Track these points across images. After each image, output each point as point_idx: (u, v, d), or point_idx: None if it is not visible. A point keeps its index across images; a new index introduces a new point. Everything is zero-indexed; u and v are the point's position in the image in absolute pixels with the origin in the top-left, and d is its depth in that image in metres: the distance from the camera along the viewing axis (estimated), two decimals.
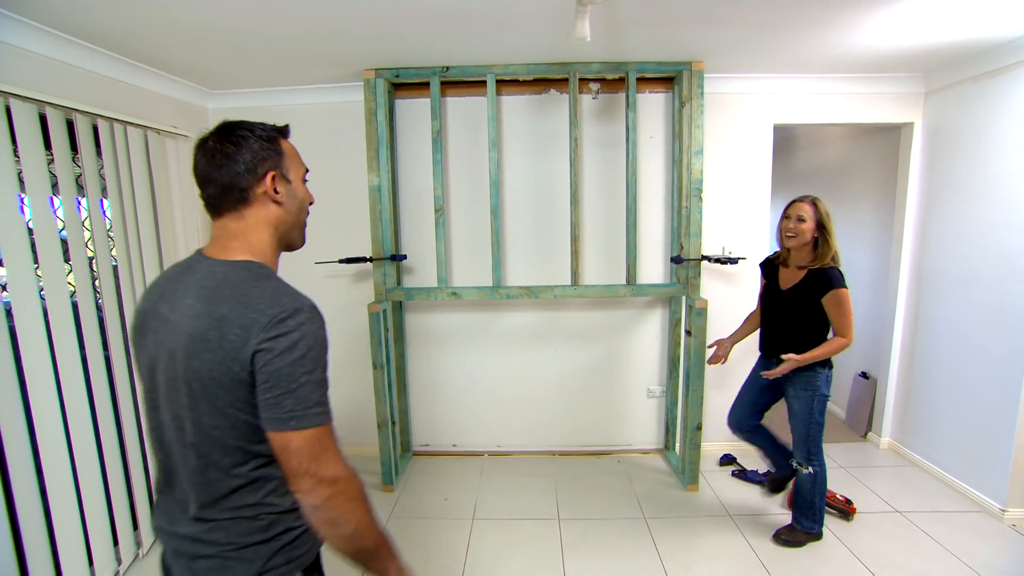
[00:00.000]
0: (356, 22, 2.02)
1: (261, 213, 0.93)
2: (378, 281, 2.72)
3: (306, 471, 0.83)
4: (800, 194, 2.20)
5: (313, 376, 0.84)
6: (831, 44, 2.33)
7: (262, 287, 0.86)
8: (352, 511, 0.87)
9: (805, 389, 2.20)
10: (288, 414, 0.82)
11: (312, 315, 0.86)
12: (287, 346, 0.81)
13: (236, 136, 0.91)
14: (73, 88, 2.08)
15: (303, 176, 1.03)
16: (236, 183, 0.90)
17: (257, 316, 0.82)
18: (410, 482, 2.90)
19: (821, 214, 2.08)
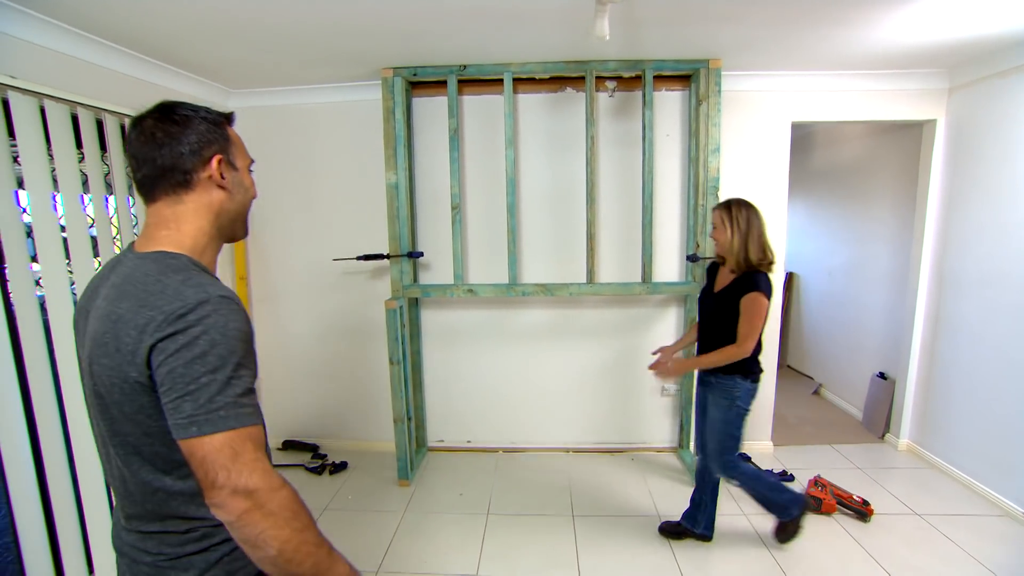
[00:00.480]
0: (376, 21, 2.04)
1: (203, 199, 0.86)
2: (395, 278, 2.76)
3: (215, 482, 0.71)
4: (824, 192, 2.18)
5: (218, 375, 0.73)
6: (851, 40, 2.30)
7: (165, 282, 0.77)
8: (274, 529, 0.73)
9: (723, 398, 2.10)
10: (188, 419, 0.72)
11: (220, 306, 0.76)
12: (184, 343, 0.72)
13: (180, 115, 0.83)
14: (103, 89, 2.14)
15: (249, 167, 0.95)
16: (179, 164, 0.83)
17: (154, 314, 0.74)
18: (425, 477, 2.94)
19: (734, 218, 2.00)
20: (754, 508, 2.55)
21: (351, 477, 2.96)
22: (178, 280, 0.77)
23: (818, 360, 4.32)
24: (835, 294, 4.06)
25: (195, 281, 0.78)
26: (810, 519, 2.44)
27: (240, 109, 3.02)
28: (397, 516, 2.55)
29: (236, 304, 0.79)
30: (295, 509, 0.75)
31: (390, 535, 2.40)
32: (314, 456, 3.18)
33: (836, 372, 4.04)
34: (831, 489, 2.52)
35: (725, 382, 2.09)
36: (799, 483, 2.76)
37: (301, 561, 0.75)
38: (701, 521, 2.28)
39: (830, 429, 3.52)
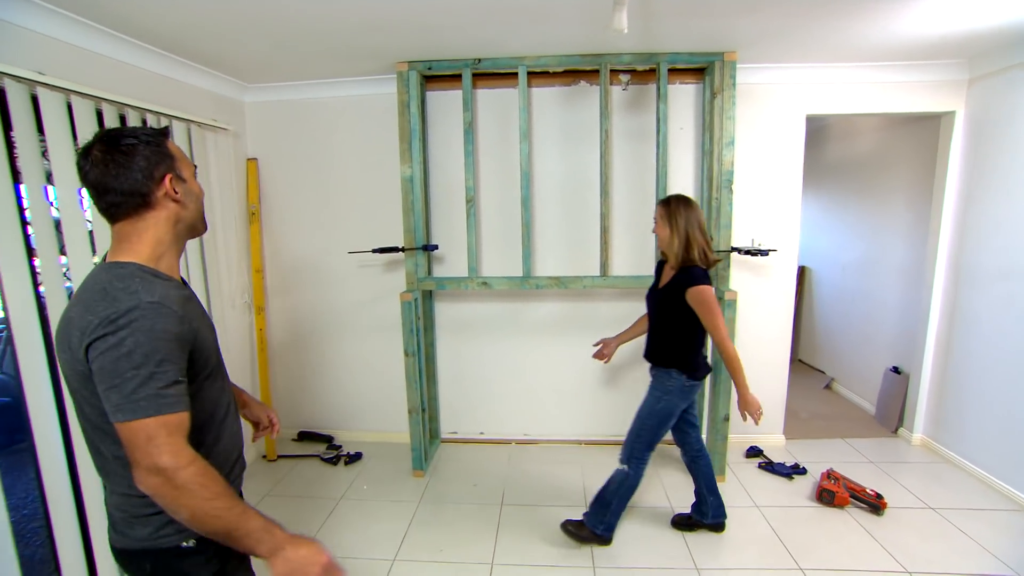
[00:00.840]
0: (392, 15, 2.06)
1: (162, 214, 0.98)
2: (410, 270, 2.78)
3: (135, 461, 0.86)
4: (839, 186, 2.18)
5: (141, 371, 0.85)
6: (868, 32, 2.28)
7: (108, 289, 0.89)
8: (184, 499, 0.86)
9: (656, 389, 2.14)
10: (115, 407, 0.85)
11: (147, 312, 0.87)
12: (114, 343, 0.85)
13: (125, 145, 0.93)
14: (124, 85, 2.18)
15: (194, 173, 1.06)
16: (137, 189, 0.93)
17: (92, 319, 0.86)
18: (439, 468, 2.97)
19: (672, 215, 2.03)
20: (767, 500, 2.57)
21: (366, 467, 3.00)
22: (119, 288, 0.89)
23: (830, 355, 4.30)
24: (848, 288, 4.04)
25: (132, 288, 0.89)
26: (822, 511, 2.46)
27: (256, 103, 3.06)
28: (412, 506, 2.59)
29: (167, 308, 0.90)
30: (202, 482, 0.88)
31: (406, 524, 2.44)
32: (329, 447, 3.22)
33: (849, 367, 4.03)
34: (844, 482, 2.53)
35: (661, 374, 2.14)
36: (811, 476, 2.76)
37: (211, 523, 0.89)
38: (707, 512, 2.30)
39: (842, 423, 3.51)
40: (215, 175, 2.74)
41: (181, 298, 0.96)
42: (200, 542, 0.99)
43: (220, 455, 1.07)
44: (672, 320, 2.07)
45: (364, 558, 2.20)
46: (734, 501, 2.57)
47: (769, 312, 3.05)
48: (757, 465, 2.90)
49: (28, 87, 1.70)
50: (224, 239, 2.83)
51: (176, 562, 1.00)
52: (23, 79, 1.66)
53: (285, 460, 3.11)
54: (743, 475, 2.81)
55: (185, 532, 0.98)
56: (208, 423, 1.04)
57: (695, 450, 2.31)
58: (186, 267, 2.43)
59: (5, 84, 1.62)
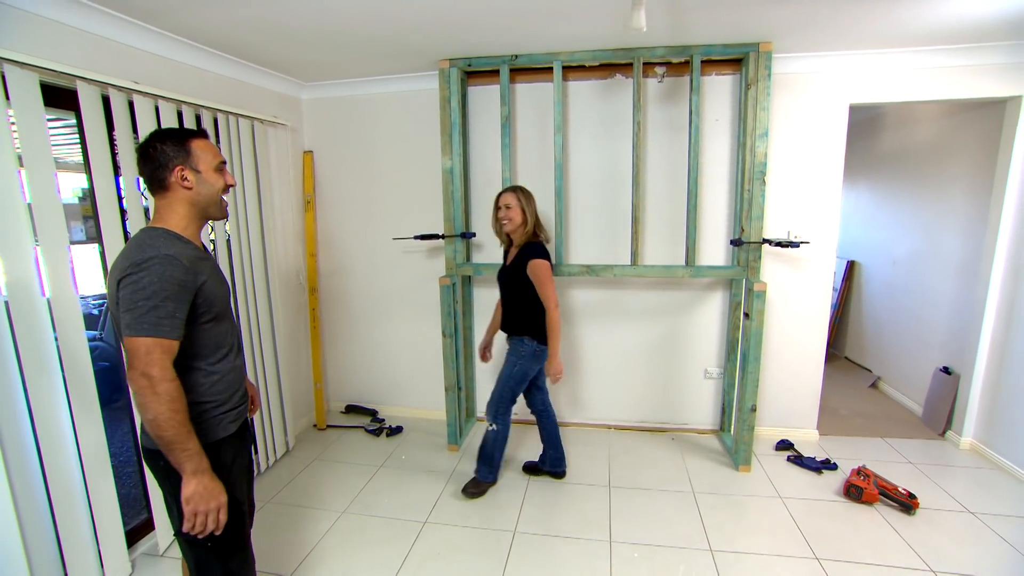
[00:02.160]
0: (435, 17, 2.20)
1: (177, 195, 1.28)
2: (449, 256, 2.96)
3: (131, 366, 1.14)
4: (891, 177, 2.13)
5: (150, 302, 1.13)
6: (920, 15, 2.18)
7: (139, 245, 1.20)
8: (154, 403, 1.13)
9: (511, 354, 2.48)
10: (126, 325, 1.14)
11: (162, 261, 1.16)
12: (134, 280, 1.14)
13: (151, 144, 1.26)
14: (201, 88, 2.46)
15: (215, 166, 1.33)
16: (155, 175, 1.27)
17: (125, 263, 1.17)
18: (473, 444, 3.16)
19: (522, 200, 2.40)
20: (792, 492, 2.58)
21: (405, 440, 3.24)
22: (147, 243, 1.20)
23: (878, 353, 4.14)
24: (899, 284, 3.87)
25: (156, 244, 1.20)
26: (848, 507, 2.45)
27: (312, 100, 3.31)
28: (445, 476, 2.79)
29: (177, 261, 1.19)
30: (173, 396, 1.15)
31: (439, 492, 2.64)
32: (373, 420, 3.49)
33: (896, 365, 3.87)
34: (875, 479, 2.49)
35: (515, 341, 2.48)
36: (842, 472, 2.74)
37: (166, 429, 1.15)
38: (547, 461, 2.72)
39: (885, 423, 3.41)
40: (275, 167, 3.01)
41: (193, 256, 1.25)
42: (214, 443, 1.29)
43: (224, 379, 1.35)
44: (520, 293, 2.42)
45: (399, 518, 2.42)
46: (758, 491, 2.60)
47: (804, 305, 3.01)
48: (786, 458, 2.89)
49: (126, 95, 1.98)
50: (283, 225, 3.11)
51: None
52: (123, 88, 1.94)
53: (333, 429, 3.40)
54: (770, 467, 2.82)
55: None
56: (213, 351, 1.33)
57: (539, 410, 2.68)
58: (248, 249, 2.70)
59: (110, 93, 1.90)
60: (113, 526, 1.95)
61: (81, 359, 1.83)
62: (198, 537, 1.24)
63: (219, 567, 1.34)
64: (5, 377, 1.60)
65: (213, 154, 1.33)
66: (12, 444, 1.62)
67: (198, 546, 1.31)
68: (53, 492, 1.74)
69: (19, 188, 1.63)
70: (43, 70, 1.69)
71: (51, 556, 1.75)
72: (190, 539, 1.28)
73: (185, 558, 1.39)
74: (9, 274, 1.61)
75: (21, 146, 1.64)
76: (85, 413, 1.84)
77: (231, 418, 1.36)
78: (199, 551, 1.32)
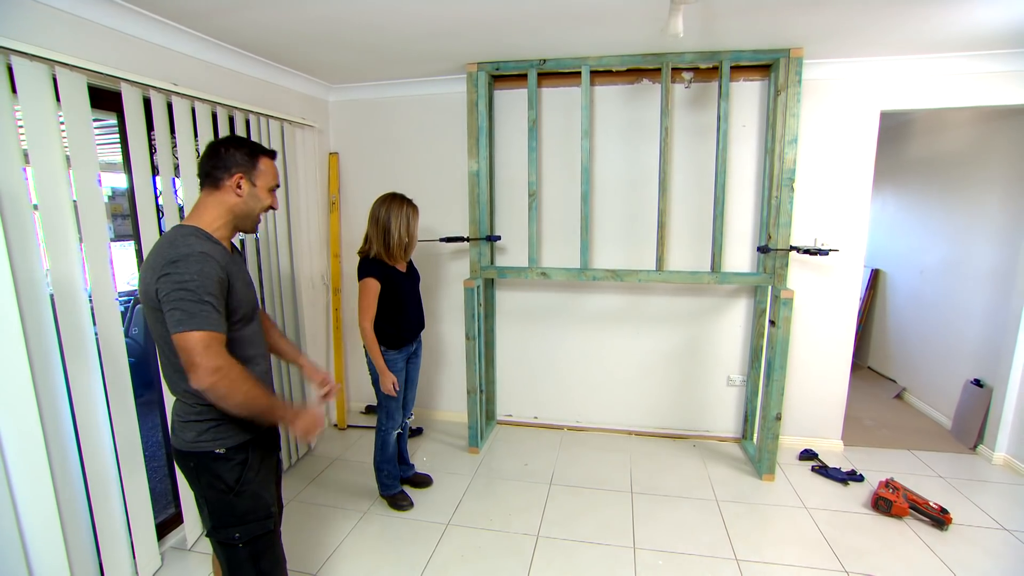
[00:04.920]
0: (464, 21, 2.21)
1: (223, 197, 1.33)
2: (474, 259, 2.97)
3: (192, 363, 1.15)
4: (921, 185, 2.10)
5: (193, 297, 1.16)
6: (954, 19, 2.14)
7: (173, 241, 1.23)
8: (237, 386, 1.18)
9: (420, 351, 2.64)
10: (176, 322, 1.15)
11: (198, 258, 1.19)
12: (175, 277, 1.16)
13: (226, 146, 1.33)
14: (233, 89, 2.51)
15: (270, 187, 1.40)
16: (213, 173, 1.32)
17: (160, 260, 1.19)
18: (493, 447, 3.16)
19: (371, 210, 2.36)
20: (818, 503, 2.54)
21: (426, 441, 3.25)
22: (180, 241, 1.22)
23: (903, 363, 4.07)
24: (927, 293, 3.80)
25: (189, 242, 1.22)
26: (877, 520, 2.41)
27: (338, 102, 3.35)
28: (466, 479, 2.79)
29: (211, 258, 1.22)
30: (246, 376, 1.21)
31: (460, 494, 2.64)
32: None
33: (923, 376, 3.80)
34: (904, 493, 2.45)
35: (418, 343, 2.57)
36: (869, 484, 2.69)
37: (256, 403, 1.22)
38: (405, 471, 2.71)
39: (911, 435, 3.34)
40: (302, 167, 3.05)
41: (224, 256, 1.28)
42: (229, 450, 1.32)
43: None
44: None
45: (422, 520, 2.42)
46: (783, 501, 2.56)
47: (830, 313, 2.97)
48: (810, 468, 2.85)
49: (165, 96, 2.03)
50: (307, 225, 3.14)
51: (211, 464, 1.31)
52: (162, 89, 1.99)
53: (354, 429, 3.43)
54: (794, 476, 2.78)
55: (218, 440, 1.31)
56: (242, 354, 1.34)
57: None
58: (276, 249, 2.74)
59: (151, 95, 1.95)
60: (145, 518, 1.99)
61: (118, 354, 1.87)
62: (228, 513, 1.33)
63: (250, 566, 1.36)
64: (49, 370, 1.64)
65: (273, 176, 1.40)
66: (55, 435, 1.66)
67: (230, 546, 1.34)
68: (91, 483, 1.78)
69: (67, 187, 1.67)
70: (90, 72, 1.74)
71: (87, 546, 1.78)
72: (221, 540, 1.34)
73: (217, 557, 1.41)
74: (56, 270, 1.65)
75: (69, 146, 1.69)
76: (120, 406, 1.88)
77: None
78: (231, 551, 1.35)
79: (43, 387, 1.62)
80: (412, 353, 2.51)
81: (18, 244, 1.54)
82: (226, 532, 1.33)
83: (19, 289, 1.54)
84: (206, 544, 2.24)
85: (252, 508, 1.35)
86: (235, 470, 1.32)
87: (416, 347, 2.54)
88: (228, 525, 1.33)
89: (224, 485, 1.31)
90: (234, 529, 1.33)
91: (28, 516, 1.59)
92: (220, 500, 1.32)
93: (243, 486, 1.33)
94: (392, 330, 2.36)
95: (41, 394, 1.61)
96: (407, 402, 2.57)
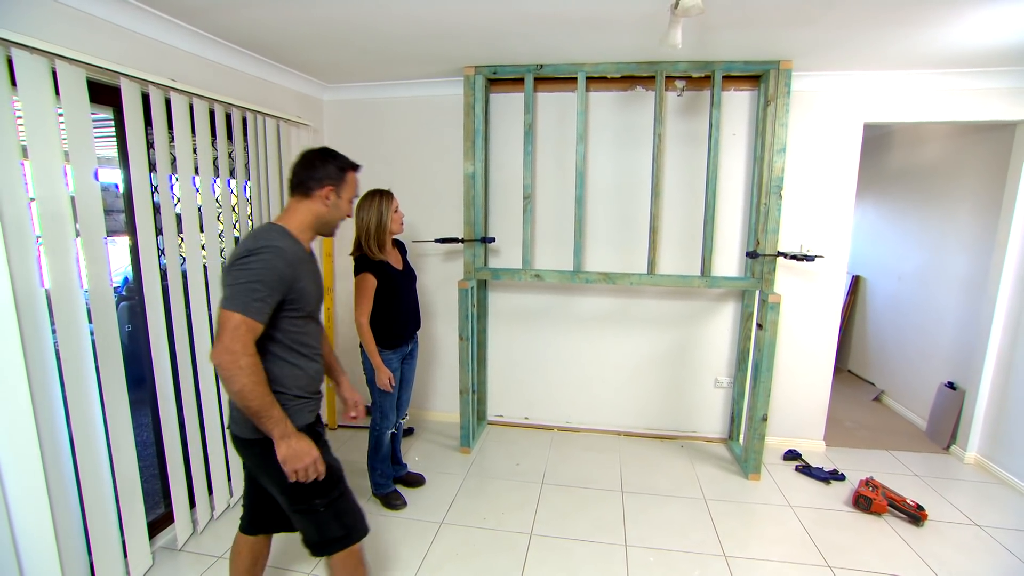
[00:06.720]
0: (463, 25, 2.24)
1: (312, 206, 1.44)
2: (468, 260, 3.00)
3: (218, 336, 1.23)
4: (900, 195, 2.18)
5: (249, 284, 1.24)
6: (935, 38, 2.25)
7: (255, 236, 1.33)
8: (239, 375, 1.22)
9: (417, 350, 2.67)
10: (224, 298, 1.25)
11: (270, 251, 1.29)
12: (244, 262, 1.26)
13: (321, 159, 1.45)
14: (230, 86, 2.49)
15: (350, 199, 1.53)
16: (306, 182, 1.43)
17: (240, 249, 1.30)
18: (485, 447, 3.18)
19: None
20: (802, 502, 2.62)
21: (418, 441, 3.26)
22: (263, 235, 1.33)
23: (882, 367, 4.20)
24: (904, 299, 3.93)
25: (270, 237, 1.33)
26: (858, 517, 2.49)
27: (333, 101, 3.35)
28: (459, 478, 2.81)
29: (285, 254, 1.31)
30: (255, 368, 1.25)
31: (453, 493, 2.66)
32: None
33: (900, 380, 3.93)
34: (883, 491, 2.54)
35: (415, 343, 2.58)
36: (850, 483, 2.78)
37: (252, 400, 1.25)
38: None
39: (889, 436, 3.46)
40: None
41: (299, 255, 1.37)
42: None
43: (306, 375, 1.45)
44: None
45: (416, 519, 2.44)
46: (768, 499, 2.63)
47: (815, 318, 3.06)
48: (794, 468, 2.93)
49: (163, 92, 2.01)
50: None
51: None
52: (161, 85, 1.98)
53: (344, 429, 3.42)
54: (779, 476, 2.86)
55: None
56: (300, 347, 1.42)
57: None
58: None
59: (149, 90, 1.94)
60: (137, 517, 1.97)
61: (113, 351, 1.85)
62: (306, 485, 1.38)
63: (336, 524, 1.46)
64: (44, 367, 1.62)
65: (355, 188, 1.53)
66: (48, 433, 1.64)
67: (313, 513, 1.42)
68: (83, 480, 1.76)
69: (64, 183, 1.66)
70: (90, 66, 1.72)
71: (79, 544, 1.76)
72: (304, 510, 1.42)
73: (304, 529, 1.47)
74: (52, 265, 1.64)
75: (68, 141, 1.67)
76: (115, 405, 1.86)
77: (309, 407, 1.47)
78: (315, 516, 1.43)
79: (37, 384, 1.60)
80: (408, 354, 2.53)
81: (15, 239, 1.53)
82: (307, 504, 1.41)
83: (15, 285, 1.52)
84: (197, 543, 2.23)
85: (327, 478, 1.42)
86: None
87: (412, 347, 2.55)
88: (308, 497, 1.41)
89: None
90: (314, 498, 1.42)
91: (19, 515, 1.57)
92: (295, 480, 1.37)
93: None
94: (386, 328, 2.37)
95: (35, 391, 1.59)
96: (402, 402, 2.59)
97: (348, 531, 1.48)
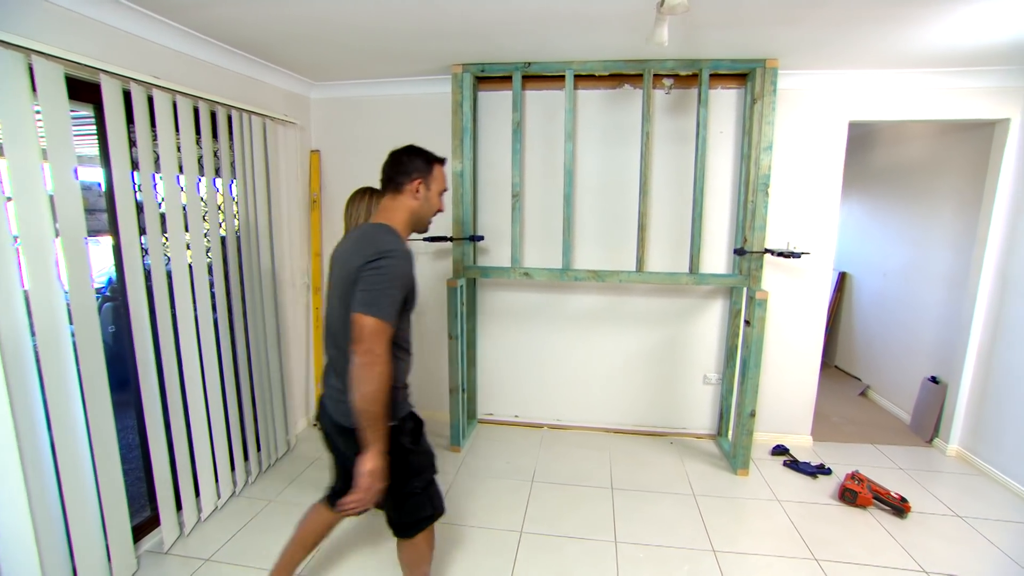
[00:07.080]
0: (450, 22, 2.23)
1: (405, 201, 1.50)
2: (457, 259, 2.99)
3: (359, 339, 1.30)
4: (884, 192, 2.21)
5: (385, 289, 1.31)
6: (918, 38, 2.28)
7: (378, 237, 1.39)
8: (373, 377, 1.29)
9: None
10: (362, 303, 1.31)
11: (401, 254, 1.36)
12: (379, 266, 1.32)
13: (409, 155, 1.51)
14: (215, 84, 2.46)
15: (440, 191, 1.57)
16: (396, 178, 1.50)
17: (370, 251, 1.35)
18: (475, 445, 3.18)
19: None
20: (789, 496, 2.65)
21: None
22: (382, 237, 1.39)
23: (867, 362, 4.26)
24: (889, 296, 3.99)
25: (390, 239, 1.39)
26: (844, 510, 2.53)
27: (320, 99, 3.32)
28: (449, 477, 2.81)
29: (408, 256, 1.39)
30: (387, 376, 1.33)
31: (443, 492, 2.64)
32: None
33: (885, 375, 3.99)
34: (868, 484, 2.57)
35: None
36: (836, 477, 2.82)
37: (372, 404, 1.31)
38: None
39: (874, 430, 3.51)
40: (283, 165, 3.01)
41: (412, 256, 1.43)
42: (401, 420, 1.47)
43: (408, 365, 1.54)
44: None
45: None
46: (756, 494, 2.66)
47: (802, 314, 3.10)
48: (782, 463, 2.97)
49: (146, 89, 1.98)
50: (288, 224, 3.10)
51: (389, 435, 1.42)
52: (143, 82, 1.94)
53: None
54: (767, 471, 2.89)
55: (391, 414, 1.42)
56: (406, 340, 1.51)
57: None
58: (256, 245, 2.70)
59: (131, 87, 1.90)
60: (120, 521, 1.94)
61: (95, 352, 1.82)
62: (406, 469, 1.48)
63: (428, 504, 1.59)
64: (23, 368, 1.59)
65: (443, 181, 1.57)
66: (28, 435, 1.61)
67: (412, 495, 1.53)
68: (65, 484, 1.73)
69: (42, 182, 1.62)
70: (68, 63, 1.69)
71: (60, 549, 1.73)
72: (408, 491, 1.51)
73: (397, 511, 1.56)
74: (31, 266, 1.60)
75: (46, 139, 1.64)
76: (97, 407, 1.83)
77: (409, 397, 1.57)
78: (413, 499, 1.54)
79: (16, 386, 1.57)
80: None
81: None
82: (409, 486, 1.52)
83: None
84: (184, 546, 2.20)
85: (426, 461, 1.57)
86: (410, 435, 1.51)
87: None
88: (410, 480, 1.51)
89: (404, 449, 1.48)
90: (414, 481, 1.53)
91: None
92: (400, 463, 1.46)
93: (418, 446, 1.54)
94: None
95: (14, 394, 1.56)
96: None
97: (435, 510, 1.61)
